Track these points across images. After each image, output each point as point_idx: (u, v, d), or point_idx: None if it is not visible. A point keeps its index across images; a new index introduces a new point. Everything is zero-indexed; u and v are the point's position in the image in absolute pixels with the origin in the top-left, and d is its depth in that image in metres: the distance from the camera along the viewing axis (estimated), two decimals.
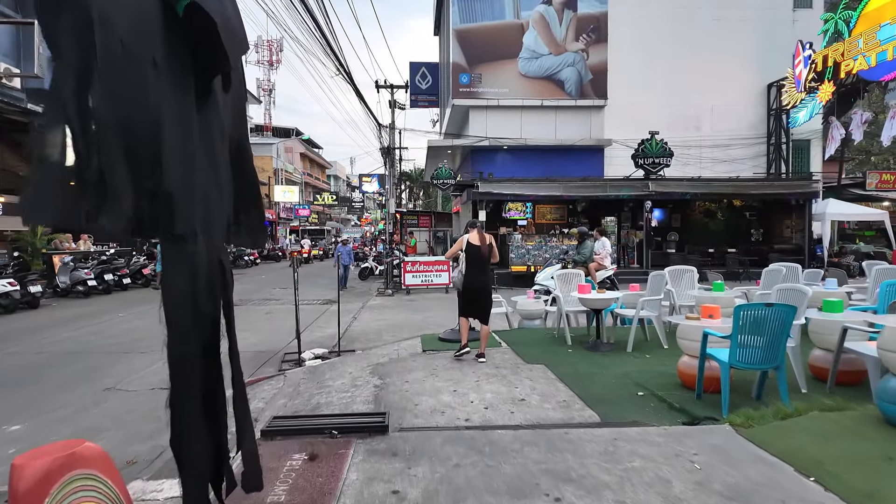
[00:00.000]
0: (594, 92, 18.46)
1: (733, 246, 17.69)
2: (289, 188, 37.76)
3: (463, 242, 5.91)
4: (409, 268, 13.92)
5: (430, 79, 25.86)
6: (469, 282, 5.84)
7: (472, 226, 6.04)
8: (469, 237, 5.90)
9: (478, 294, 5.87)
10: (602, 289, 6.84)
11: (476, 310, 5.93)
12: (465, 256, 5.83)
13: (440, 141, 19.57)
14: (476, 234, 5.87)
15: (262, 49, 51.45)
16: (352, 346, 7.63)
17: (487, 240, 5.92)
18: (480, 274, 5.85)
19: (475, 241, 5.84)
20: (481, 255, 5.82)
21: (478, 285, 5.84)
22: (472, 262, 5.82)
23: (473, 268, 5.83)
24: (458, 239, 6.07)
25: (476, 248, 5.81)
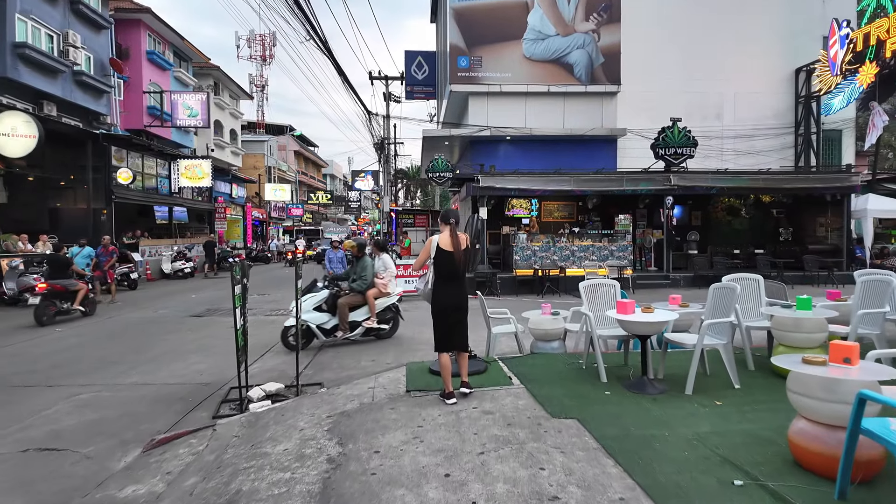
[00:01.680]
0: (606, 77, 16.80)
1: (760, 246, 16.06)
2: (280, 186, 36.10)
3: (432, 246, 4.39)
4: (399, 272, 12.22)
5: (426, 69, 24.30)
6: (441, 300, 4.34)
7: (446, 220, 4.42)
8: (439, 239, 4.35)
9: (456, 315, 4.39)
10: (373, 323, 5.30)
11: (457, 338, 4.43)
12: (434, 265, 4.35)
13: (436, 131, 17.90)
14: (448, 235, 4.34)
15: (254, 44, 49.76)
16: (319, 377, 5.97)
17: (464, 242, 4.39)
18: (456, 288, 4.37)
19: (447, 244, 4.32)
20: (455, 263, 4.30)
21: (454, 304, 4.36)
22: (443, 272, 4.33)
23: (445, 280, 4.33)
24: (427, 241, 4.53)
25: (448, 256, 4.30)
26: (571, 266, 13.82)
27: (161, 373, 6.27)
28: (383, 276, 7.88)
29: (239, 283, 4.99)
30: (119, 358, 7.00)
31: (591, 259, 14.06)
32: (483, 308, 6.33)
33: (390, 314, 7.97)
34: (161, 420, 4.75)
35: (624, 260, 14.10)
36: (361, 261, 7.76)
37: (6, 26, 16.09)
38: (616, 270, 13.29)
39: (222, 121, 32.47)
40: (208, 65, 30.75)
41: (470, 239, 5.12)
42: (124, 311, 11.34)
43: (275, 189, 35.95)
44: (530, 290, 13.06)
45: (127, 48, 23.44)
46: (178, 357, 7.01)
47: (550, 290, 12.74)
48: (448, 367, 4.36)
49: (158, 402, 5.23)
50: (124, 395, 5.47)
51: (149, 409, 5.04)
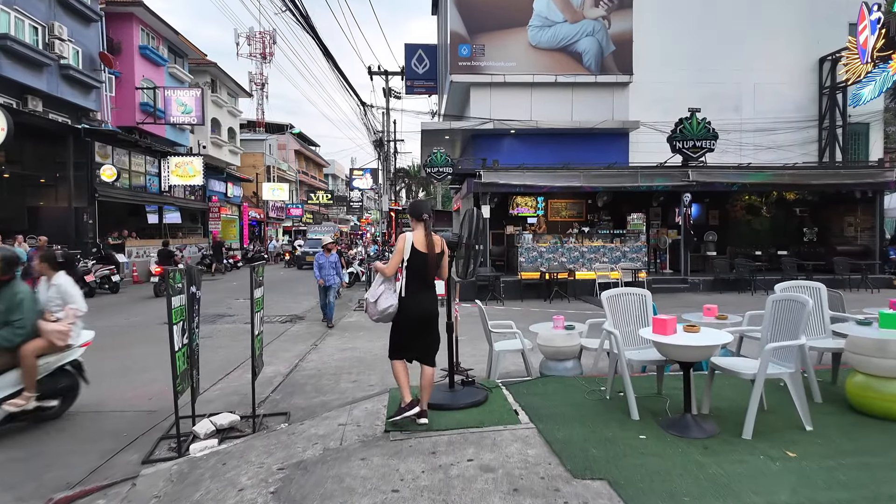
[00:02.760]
0: (617, 66, 15.78)
1: (782, 247, 15.00)
2: (278, 186, 35.21)
3: (405, 246, 3.74)
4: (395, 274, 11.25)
5: (427, 63, 23.37)
6: (408, 306, 3.71)
7: (417, 215, 3.84)
8: (413, 238, 3.76)
9: (421, 325, 3.78)
10: (28, 401, 3.98)
11: (418, 348, 3.83)
12: (406, 269, 3.73)
13: (436, 123, 16.92)
14: (422, 234, 3.78)
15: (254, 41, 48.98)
16: (287, 403, 5.01)
17: (438, 244, 3.82)
18: (425, 293, 3.78)
19: (421, 244, 3.74)
20: (428, 266, 3.74)
21: (421, 311, 3.75)
22: (414, 275, 3.73)
23: (415, 284, 3.73)
24: (399, 240, 3.88)
25: (421, 257, 3.72)
26: (581, 269, 12.81)
27: (104, 395, 5.31)
28: (58, 316, 4.51)
29: (180, 294, 4.03)
30: None
31: (602, 261, 13.05)
32: (484, 320, 5.34)
33: (65, 381, 4.67)
34: (79, 464, 3.79)
35: (638, 262, 13.09)
36: (8, 288, 4.30)
37: None
38: (630, 273, 12.28)
39: (220, 119, 31.61)
40: (205, 61, 29.90)
41: (468, 239, 4.14)
42: (90, 319, 10.40)
43: (273, 188, 35.05)
44: (537, 294, 12.06)
45: (119, 43, 22.60)
46: (131, 375, 6.06)
47: (559, 295, 11.74)
48: (402, 373, 3.79)
49: (86, 437, 4.28)
50: (47, 426, 4.52)
51: (70, 447, 4.09)
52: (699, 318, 5.55)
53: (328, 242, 9.20)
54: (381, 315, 3.71)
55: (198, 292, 4.47)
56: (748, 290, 12.72)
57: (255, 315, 4.23)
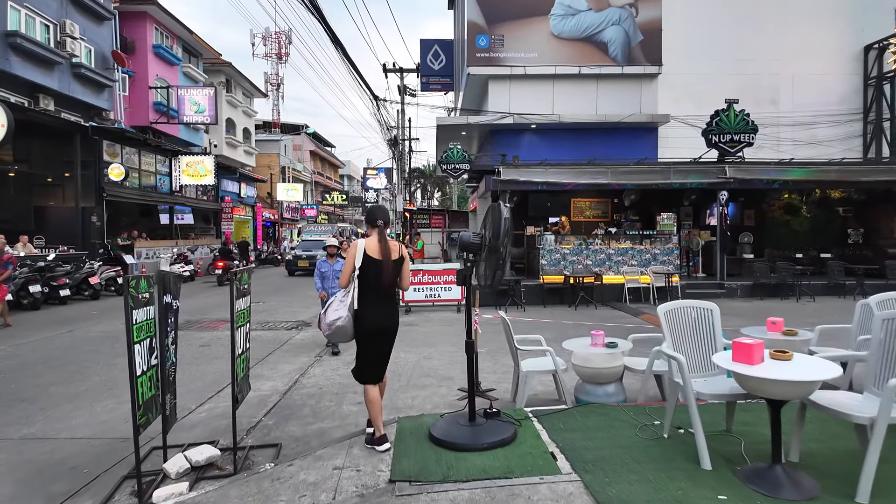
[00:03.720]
0: (645, 57, 14.86)
1: (825, 249, 13.90)
2: (292, 186, 34.85)
3: (357, 253, 3.43)
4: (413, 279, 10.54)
5: (443, 58, 22.68)
6: (370, 322, 3.43)
7: (372, 221, 3.57)
8: (366, 244, 3.46)
9: (381, 337, 3.52)
10: None
11: (384, 366, 3.61)
12: (360, 278, 3.43)
13: (452, 119, 16.18)
14: (376, 240, 3.48)
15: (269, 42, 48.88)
16: (280, 431, 4.30)
17: (396, 250, 3.50)
18: (382, 304, 3.50)
19: (374, 251, 3.44)
20: (383, 274, 3.42)
21: (378, 324, 3.47)
22: (367, 285, 3.43)
23: (370, 295, 3.43)
24: (350, 247, 3.59)
25: (375, 264, 3.42)
26: (608, 272, 11.94)
27: (75, 419, 4.68)
28: None
29: (147, 306, 3.35)
30: (35, 394, 5.44)
31: (630, 264, 12.16)
32: (509, 335, 4.58)
33: None
34: None
35: (669, 265, 12.17)
36: None
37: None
38: (662, 278, 11.37)
39: (235, 119, 31.32)
40: (219, 61, 29.62)
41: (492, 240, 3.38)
42: (89, 323, 9.90)
43: (287, 189, 34.69)
44: (560, 299, 11.23)
45: (132, 42, 22.36)
46: (111, 393, 5.42)
47: (585, 301, 10.89)
48: (377, 403, 3.45)
49: (36, 475, 3.62)
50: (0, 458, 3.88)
51: (13, 490, 3.43)
52: (762, 333, 4.71)
53: (330, 245, 7.01)
54: (331, 329, 3.39)
55: (174, 302, 3.79)
56: (791, 295, 11.71)
57: (235, 331, 3.52)
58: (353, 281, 3.39)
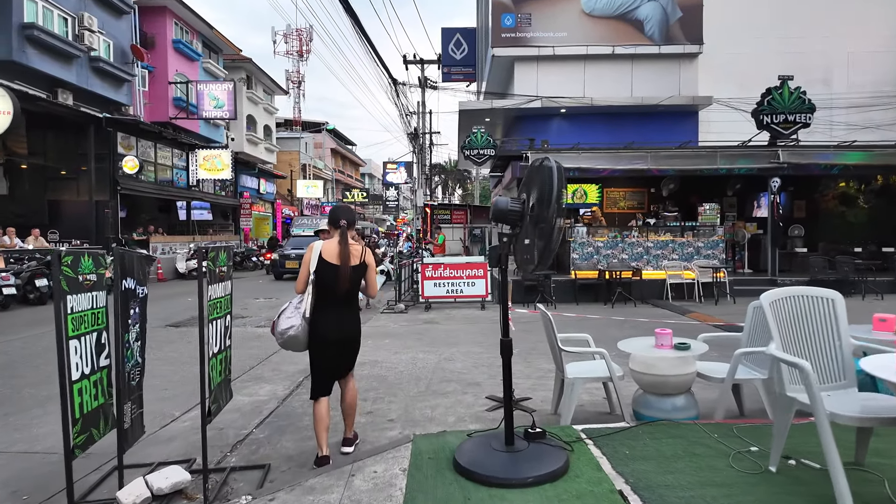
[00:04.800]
0: (684, 35, 13.76)
1: (886, 243, 12.57)
2: (312, 183, 34.49)
3: (312, 256, 3.13)
4: (428, 272, 9.74)
5: (465, 47, 21.84)
6: (322, 331, 3.12)
7: (334, 222, 3.23)
8: (322, 247, 3.15)
9: (335, 349, 3.19)
10: None
11: (334, 376, 3.28)
12: (314, 283, 3.12)
13: (475, 103, 15.33)
14: (335, 243, 3.14)
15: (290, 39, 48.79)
16: (274, 446, 3.55)
17: (358, 252, 3.20)
18: (338, 312, 3.17)
19: (331, 255, 3.11)
20: (339, 280, 3.10)
21: (332, 334, 3.16)
22: (323, 291, 3.12)
23: (325, 302, 3.13)
24: (307, 250, 3.24)
25: (331, 270, 3.10)
26: (646, 266, 10.94)
27: (39, 427, 4.01)
28: None
29: (93, 290, 2.61)
30: (5, 397, 4.82)
31: (671, 258, 11.13)
32: (550, 332, 3.73)
33: None
34: None
35: (714, 259, 11.10)
36: None
37: (13, 6, 14.75)
38: (708, 273, 10.31)
39: (255, 116, 31.07)
40: (240, 57, 29.34)
41: (539, 209, 2.54)
42: None
43: (307, 185, 34.33)
44: (594, 296, 10.29)
45: (152, 36, 22.16)
46: None
47: (623, 298, 9.92)
48: (323, 420, 3.16)
49: None
50: None
51: None
52: (868, 333, 3.76)
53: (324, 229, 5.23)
54: (283, 338, 3.10)
55: (140, 289, 3.06)
56: (854, 293, 10.51)
57: (205, 326, 2.75)
58: (309, 286, 3.09)
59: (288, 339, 3.10)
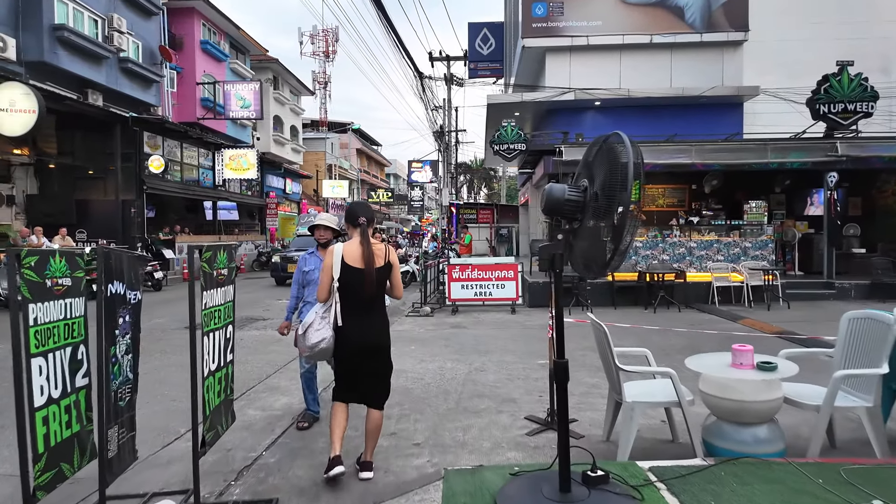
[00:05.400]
0: (728, 21, 12.90)
1: None
2: (338, 183, 34.45)
3: (334, 261, 2.79)
4: (456, 274, 9.24)
5: (492, 42, 21.29)
6: (348, 340, 2.81)
7: (353, 221, 2.91)
8: (344, 250, 2.81)
9: (362, 358, 2.86)
10: None
11: (362, 388, 2.92)
12: (339, 287, 2.80)
13: (504, 96, 14.76)
14: (357, 244, 2.82)
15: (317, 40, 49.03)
16: (273, 482, 3.10)
17: (383, 253, 2.86)
18: (366, 318, 2.85)
19: (354, 258, 2.79)
20: (365, 285, 2.79)
21: (360, 342, 2.83)
22: (348, 297, 2.82)
23: (352, 309, 2.82)
24: (326, 254, 2.93)
25: (356, 274, 2.79)
26: (689, 268, 10.19)
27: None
28: None
29: (66, 298, 2.20)
30: None
31: (716, 259, 10.36)
32: (604, 346, 3.18)
33: None
34: None
35: (763, 260, 10.29)
36: None
37: (43, 7, 14.91)
38: (758, 276, 9.52)
39: (282, 116, 31.14)
40: (267, 57, 29.42)
41: (600, 196, 2.01)
42: None
43: (332, 185, 34.31)
44: (634, 299, 9.62)
45: (181, 38, 22.32)
46: None
47: (665, 301, 9.22)
48: (340, 424, 2.87)
49: None
50: None
51: None
52: None
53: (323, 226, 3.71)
54: (312, 352, 2.87)
55: (131, 294, 2.65)
56: None
57: (198, 338, 2.31)
58: (334, 294, 2.83)
59: (319, 352, 2.91)
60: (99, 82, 16.54)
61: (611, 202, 1.94)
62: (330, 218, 3.72)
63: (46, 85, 14.59)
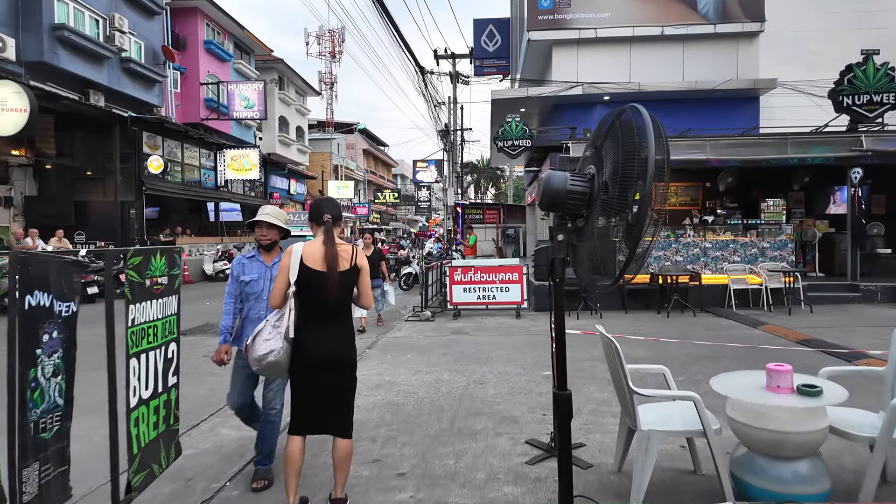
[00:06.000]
0: (743, 11, 12.36)
1: None
2: (343, 184, 34.19)
3: (291, 261, 2.42)
4: (457, 276, 8.81)
5: (498, 38, 20.84)
6: (305, 352, 2.45)
7: (316, 218, 2.53)
8: (304, 251, 2.45)
9: (321, 375, 2.46)
10: None
11: (327, 414, 2.50)
12: (296, 292, 2.44)
13: (509, 92, 14.33)
14: (319, 244, 2.46)
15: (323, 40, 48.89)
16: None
17: (349, 255, 2.50)
18: (326, 329, 2.48)
19: (315, 259, 2.43)
20: (326, 290, 2.41)
21: (319, 355, 2.46)
22: (308, 304, 2.45)
23: (311, 317, 2.46)
24: (284, 255, 2.51)
25: (316, 277, 2.42)
26: (704, 270, 9.70)
27: None
28: None
29: None
30: None
31: (732, 260, 9.86)
32: (616, 365, 2.75)
33: None
34: None
35: (782, 261, 9.77)
36: None
37: (43, 7, 14.74)
38: (777, 277, 9.00)
39: (287, 117, 30.93)
40: (271, 58, 29.22)
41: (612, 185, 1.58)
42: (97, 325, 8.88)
43: (338, 186, 34.04)
44: (645, 303, 9.14)
45: (184, 38, 22.15)
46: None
47: (679, 305, 8.73)
48: (295, 462, 2.44)
49: None
50: None
51: None
52: None
53: (267, 222, 2.94)
54: (260, 365, 2.46)
55: (61, 305, 2.26)
56: None
57: (127, 360, 1.91)
58: (290, 299, 2.43)
59: (267, 365, 2.46)
60: (100, 83, 16.35)
61: (625, 194, 1.52)
62: (275, 213, 2.99)
63: (46, 85, 14.42)
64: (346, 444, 2.54)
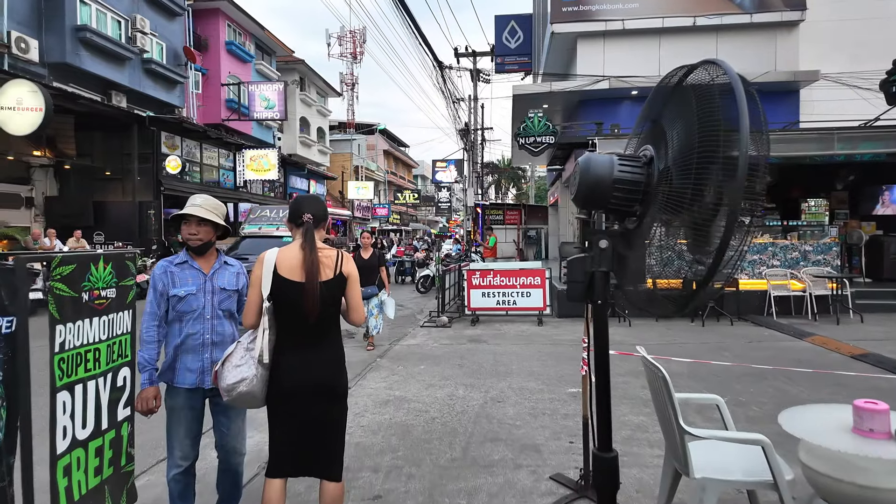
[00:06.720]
0: (783, 0, 11.62)
1: None
2: (363, 184, 34.01)
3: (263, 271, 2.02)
4: (475, 280, 8.36)
5: (520, 35, 20.38)
6: (282, 380, 2.05)
7: (295, 219, 2.12)
8: (278, 258, 2.04)
9: (310, 404, 2.06)
10: None
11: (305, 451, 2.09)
12: (271, 308, 2.02)
13: (532, 86, 13.78)
14: (296, 249, 2.06)
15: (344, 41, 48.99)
16: None
17: (334, 262, 2.10)
18: (312, 351, 2.07)
19: (291, 268, 2.03)
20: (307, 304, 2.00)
21: (307, 381, 2.05)
22: (284, 322, 2.06)
23: (288, 337, 2.06)
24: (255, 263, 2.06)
25: (293, 290, 2.02)
26: (740, 274, 9.03)
27: None
28: None
29: None
30: None
31: (771, 264, 9.18)
32: (664, 400, 2.28)
33: None
34: None
35: (826, 266, 9.06)
36: None
37: (66, 8, 14.84)
38: (822, 283, 8.31)
39: (308, 118, 30.94)
40: (293, 59, 29.23)
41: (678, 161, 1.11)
42: None
43: (358, 187, 33.89)
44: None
45: (206, 39, 22.25)
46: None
47: (715, 313, 8.12)
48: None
49: None
50: None
51: None
52: None
53: (190, 213, 2.26)
54: (230, 395, 2.01)
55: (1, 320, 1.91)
56: None
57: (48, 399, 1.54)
58: (264, 316, 2.02)
59: (238, 396, 2.03)
60: (122, 83, 16.43)
61: (701, 185, 1.06)
62: (209, 204, 2.28)
63: (69, 86, 14.50)
64: (334, 489, 2.10)
